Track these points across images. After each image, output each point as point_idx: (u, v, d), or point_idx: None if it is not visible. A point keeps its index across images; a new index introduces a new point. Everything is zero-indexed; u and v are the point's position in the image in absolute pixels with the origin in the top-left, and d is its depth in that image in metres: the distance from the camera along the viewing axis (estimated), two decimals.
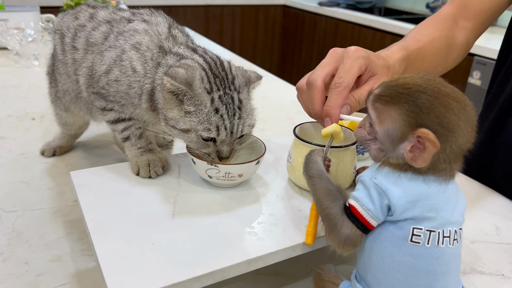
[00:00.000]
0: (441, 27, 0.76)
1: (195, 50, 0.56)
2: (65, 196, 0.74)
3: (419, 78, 0.40)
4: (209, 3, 3.11)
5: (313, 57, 3.15)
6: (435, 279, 0.40)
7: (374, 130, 0.42)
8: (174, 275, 0.40)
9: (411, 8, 3.09)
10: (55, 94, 0.76)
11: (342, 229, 0.42)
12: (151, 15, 0.61)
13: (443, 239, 0.40)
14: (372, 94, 0.42)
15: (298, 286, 0.58)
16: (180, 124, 0.51)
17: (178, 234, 0.46)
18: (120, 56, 0.56)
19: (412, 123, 0.39)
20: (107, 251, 0.43)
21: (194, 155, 0.53)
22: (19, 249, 0.61)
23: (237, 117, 0.52)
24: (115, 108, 0.59)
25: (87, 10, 0.66)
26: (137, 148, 0.59)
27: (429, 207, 0.40)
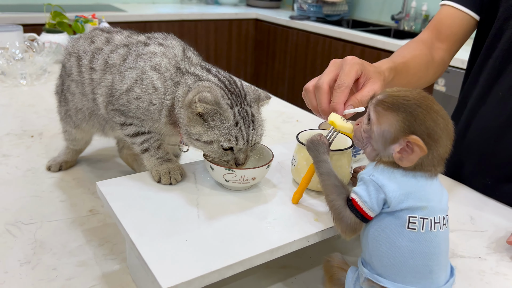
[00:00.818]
0: (421, 47, 0.89)
1: (209, 70, 0.63)
2: (78, 207, 0.79)
3: (417, 94, 0.48)
4: (183, 18, 3.18)
5: (286, 68, 3.26)
6: (430, 259, 0.48)
7: (371, 129, 0.50)
8: (210, 264, 0.47)
9: (377, 20, 3.26)
10: (65, 112, 0.81)
11: (345, 218, 0.50)
12: (165, 39, 0.67)
13: (434, 224, 0.48)
14: (375, 98, 0.50)
15: (304, 276, 0.65)
16: (203, 137, 0.58)
17: (206, 230, 0.53)
18: (141, 76, 0.62)
19: (405, 129, 0.47)
20: (148, 248, 0.49)
21: (212, 162, 0.60)
22: (45, 257, 0.66)
23: (252, 128, 0.59)
24: (134, 123, 0.65)
25: (102, 35, 0.71)
26: (156, 158, 0.65)
27: (421, 198, 0.48)
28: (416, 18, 2.89)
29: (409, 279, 0.48)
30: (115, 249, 0.68)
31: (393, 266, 0.48)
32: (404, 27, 2.96)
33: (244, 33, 3.50)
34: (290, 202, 0.60)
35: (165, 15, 3.11)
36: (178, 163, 0.65)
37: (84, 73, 0.70)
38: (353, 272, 0.53)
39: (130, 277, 0.63)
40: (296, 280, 0.64)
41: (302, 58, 3.09)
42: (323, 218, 0.57)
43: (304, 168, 0.62)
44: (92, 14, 1.81)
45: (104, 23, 1.85)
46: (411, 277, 0.48)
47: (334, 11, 3.21)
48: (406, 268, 0.48)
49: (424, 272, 0.48)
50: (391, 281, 0.48)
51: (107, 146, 1.03)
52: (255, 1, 3.79)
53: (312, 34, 2.96)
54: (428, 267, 0.48)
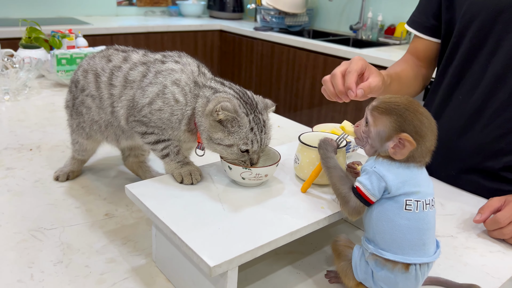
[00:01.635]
0: (407, 63, 1.13)
1: (223, 83, 0.72)
2: (94, 212, 0.85)
3: (404, 99, 0.59)
4: (149, 30, 3.23)
5: (252, 78, 3.38)
6: (423, 234, 0.59)
7: (369, 129, 0.61)
8: (244, 246, 0.55)
9: (336, 30, 3.45)
10: (77, 124, 0.87)
11: (350, 202, 0.60)
12: (180, 57, 0.75)
13: (425, 205, 0.59)
14: (371, 104, 0.61)
15: (308, 259, 0.75)
16: (225, 141, 0.67)
17: (233, 220, 0.61)
18: (163, 90, 0.70)
19: (397, 129, 0.58)
20: (189, 236, 0.57)
21: (229, 162, 0.69)
22: (75, 257, 0.72)
23: (264, 133, 0.69)
24: (155, 131, 0.73)
25: (118, 54, 0.79)
26: (176, 162, 0.73)
27: (414, 184, 0.59)
28: (373, 27, 3.09)
29: (407, 251, 0.59)
30: (137, 247, 0.75)
31: (394, 241, 0.59)
32: (362, 36, 3.15)
33: (210, 44, 3.59)
34: (298, 194, 0.70)
35: (131, 28, 3.14)
36: (196, 166, 0.74)
37: (103, 88, 0.77)
38: (358, 249, 0.63)
39: (157, 269, 0.70)
40: (302, 263, 0.74)
41: (267, 68, 3.21)
42: (328, 206, 0.67)
43: (307, 165, 0.72)
44: (68, 29, 1.84)
45: (81, 37, 1.88)
46: (408, 249, 0.59)
47: (295, 22, 3.37)
48: (405, 242, 0.59)
49: (419, 245, 0.59)
50: (392, 253, 0.59)
51: (107, 156, 1.09)
52: (218, 13, 3.89)
53: (276, 44, 3.09)
54: (421, 240, 0.59)
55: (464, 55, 0.98)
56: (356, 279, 0.63)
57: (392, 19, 3.06)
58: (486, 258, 0.76)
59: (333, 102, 2.73)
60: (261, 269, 0.71)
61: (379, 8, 3.12)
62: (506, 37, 0.90)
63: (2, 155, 1.06)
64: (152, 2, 3.86)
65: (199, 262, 0.54)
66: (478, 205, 0.88)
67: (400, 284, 0.60)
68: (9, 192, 0.90)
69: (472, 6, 0.95)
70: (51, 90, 1.61)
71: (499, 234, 0.80)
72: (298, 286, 0.68)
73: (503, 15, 0.90)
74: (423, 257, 0.60)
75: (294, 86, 3.01)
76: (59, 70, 1.61)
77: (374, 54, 2.49)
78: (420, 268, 0.60)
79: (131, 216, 0.84)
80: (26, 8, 3.25)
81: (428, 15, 1.09)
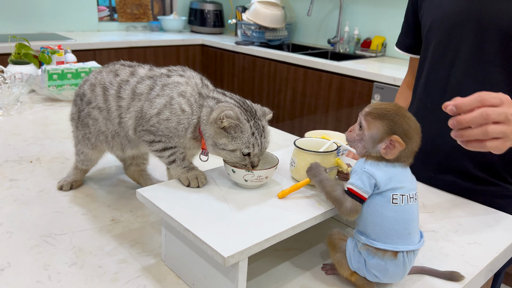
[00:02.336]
0: (404, 96, 1.30)
1: (224, 94, 0.79)
2: (100, 218, 0.90)
3: (393, 105, 0.67)
4: (132, 45, 3.28)
5: (234, 90, 3.45)
6: (409, 224, 0.67)
7: (363, 133, 0.68)
8: (252, 239, 0.61)
9: (314, 43, 3.57)
10: (83, 135, 0.91)
11: (346, 203, 0.67)
12: (184, 71, 0.82)
13: (409, 199, 0.67)
14: (364, 110, 0.69)
15: (305, 254, 0.81)
16: (229, 146, 0.73)
17: (239, 217, 0.68)
18: (170, 102, 0.76)
19: (388, 131, 0.66)
20: (201, 232, 0.63)
21: (233, 166, 0.75)
22: (88, 259, 0.76)
23: (263, 137, 0.75)
24: (162, 140, 0.79)
25: (125, 68, 0.84)
26: (182, 167, 0.79)
27: (399, 180, 0.66)
28: (350, 41, 3.22)
29: (395, 240, 0.66)
30: (145, 248, 0.80)
31: (383, 232, 0.66)
32: (339, 49, 3.28)
33: (192, 57, 3.66)
34: (297, 193, 0.77)
35: (114, 43, 3.18)
36: (201, 170, 0.80)
37: (111, 101, 0.83)
38: (351, 241, 0.70)
39: (167, 267, 0.75)
40: (300, 258, 0.80)
41: (249, 81, 3.30)
42: (323, 204, 0.74)
43: (302, 167, 0.79)
44: (58, 45, 1.88)
45: (69, 53, 1.92)
46: (396, 239, 0.66)
47: (275, 36, 3.48)
48: (393, 233, 0.66)
49: (405, 234, 0.66)
50: (382, 243, 0.66)
51: (106, 166, 1.14)
52: (199, 28, 3.97)
53: (257, 58, 3.18)
54: (407, 230, 0.66)
55: (430, 66, 1.10)
56: (351, 269, 0.70)
57: (368, 32, 3.20)
58: (464, 249, 0.84)
59: (313, 113, 2.83)
60: (263, 265, 0.77)
61: (355, 23, 3.26)
62: (461, 48, 1.02)
63: (3, 167, 1.10)
64: (134, 18, 3.92)
65: (213, 254, 0.59)
66: (455, 203, 0.96)
67: (390, 270, 0.67)
68: (16, 202, 0.93)
69: (433, 24, 1.09)
70: (43, 104, 1.64)
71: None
72: (297, 279, 0.74)
73: (456, 31, 1.03)
74: (410, 245, 0.67)
75: (276, 98, 3.10)
76: (50, 85, 1.64)
77: (352, 66, 2.61)
78: (407, 255, 0.67)
79: (136, 221, 0.89)
80: (8, 23, 3.26)
81: (409, 36, 1.25)
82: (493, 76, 0.98)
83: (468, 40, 1.00)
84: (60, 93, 1.65)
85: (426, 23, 1.11)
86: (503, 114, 0.68)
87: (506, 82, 0.97)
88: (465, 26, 1.00)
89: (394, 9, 3.03)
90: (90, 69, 1.72)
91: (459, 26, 1.02)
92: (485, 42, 0.98)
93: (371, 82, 2.49)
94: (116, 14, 3.87)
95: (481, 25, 0.98)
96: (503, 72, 0.97)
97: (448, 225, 0.92)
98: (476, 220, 0.94)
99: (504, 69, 0.97)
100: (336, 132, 0.96)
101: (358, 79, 2.56)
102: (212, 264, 0.65)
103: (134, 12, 3.91)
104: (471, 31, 0.99)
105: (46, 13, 3.42)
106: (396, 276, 0.69)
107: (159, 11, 4.21)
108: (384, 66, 2.69)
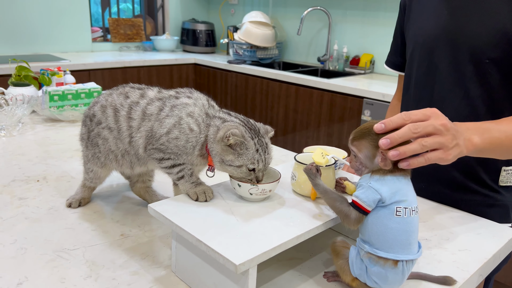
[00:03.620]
0: (395, 111, 1.36)
1: (230, 113, 0.84)
2: (110, 233, 0.93)
3: (370, 123, 0.73)
4: (126, 65, 3.33)
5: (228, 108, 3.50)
6: (410, 235, 0.71)
7: (358, 158, 0.74)
8: (260, 248, 0.66)
9: (304, 61, 3.66)
10: (93, 154, 0.96)
11: (352, 215, 0.72)
12: (191, 93, 0.87)
13: (411, 211, 0.72)
14: (349, 140, 0.74)
15: (307, 263, 0.86)
16: (235, 163, 0.78)
17: (246, 228, 0.72)
18: (179, 122, 0.82)
19: (375, 146, 0.71)
20: (212, 242, 0.67)
21: (238, 181, 0.80)
22: (102, 271, 0.80)
23: (267, 153, 0.81)
24: (171, 157, 0.84)
25: (135, 91, 0.90)
26: (190, 183, 0.83)
27: (402, 194, 0.71)
28: (339, 59, 3.32)
29: (396, 249, 0.71)
30: (156, 260, 0.85)
31: (386, 242, 0.71)
32: (329, 67, 3.37)
33: (185, 76, 3.72)
34: (298, 205, 0.82)
35: (108, 63, 3.24)
36: (208, 185, 0.85)
37: (122, 121, 0.88)
38: (354, 249, 0.75)
39: (177, 278, 0.80)
40: (302, 267, 0.85)
41: (242, 98, 3.36)
42: (323, 215, 0.79)
43: (303, 180, 0.84)
44: (57, 67, 1.92)
45: (68, 74, 1.97)
46: (398, 248, 0.71)
47: (266, 55, 3.56)
48: (395, 243, 0.71)
49: (406, 244, 0.71)
50: (385, 252, 0.71)
51: (111, 184, 1.18)
52: (191, 47, 4.05)
53: (249, 76, 3.26)
54: (408, 241, 0.71)
55: (415, 83, 1.18)
56: (352, 275, 0.75)
57: (356, 50, 3.30)
58: (456, 255, 0.89)
59: (305, 129, 2.90)
60: (268, 274, 0.82)
61: (344, 41, 3.36)
62: (440, 67, 1.10)
63: (11, 186, 1.13)
64: (127, 38, 3.98)
65: (225, 262, 0.64)
66: (445, 212, 1.02)
67: (389, 278, 0.72)
68: (27, 220, 0.97)
69: (415, 45, 1.17)
70: (44, 125, 1.68)
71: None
72: (300, 286, 0.79)
73: (435, 51, 1.11)
74: (410, 255, 0.72)
75: (269, 115, 3.17)
76: (52, 106, 1.69)
77: (341, 83, 2.69)
78: (407, 264, 0.72)
79: (145, 235, 0.93)
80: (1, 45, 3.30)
81: (397, 55, 1.32)
82: (472, 92, 1.05)
83: (446, 60, 1.08)
84: (61, 113, 1.69)
85: (410, 43, 1.19)
86: (431, 126, 0.72)
87: (483, 97, 1.05)
88: (443, 46, 1.09)
89: (381, 27, 3.14)
90: (90, 89, 1.77)
91: (438, 47, 1.10)
92: (461, 61, 1.06)
93: (361, 98, 2.57)
94: (109, 35, 3.94)
95: (456, 45, 1.06)
96: (480, 88, 1.04)
97: (440, 234, 0.98)
98: (466, 228, 1.00)
99: (480, 85, 1.04)
100: (333, 148, 1.02)
101: (348, 96, 2.64)
102: (223, 273, 0.70)
103: (127, 33, 3.98)
104: (448, 51, 1.08)
105: (40, 35, 3.47)
106: (395, 283, 0.73)
107: (152, 32, 4.29)
108: (373, 83, 2.78)
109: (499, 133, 0.81)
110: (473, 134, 0.77)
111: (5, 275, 0.78)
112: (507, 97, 1.05)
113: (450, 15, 1.08)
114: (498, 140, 0.80)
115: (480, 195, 1.11)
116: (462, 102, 1.08)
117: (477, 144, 0.77)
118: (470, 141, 0.77)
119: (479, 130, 0.79)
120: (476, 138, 0.77)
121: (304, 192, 0.85)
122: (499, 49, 1.01)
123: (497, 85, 1.04)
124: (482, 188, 1.11)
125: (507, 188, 1.12)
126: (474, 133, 0.78)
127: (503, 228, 1.01)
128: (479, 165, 1.09)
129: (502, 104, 1.06)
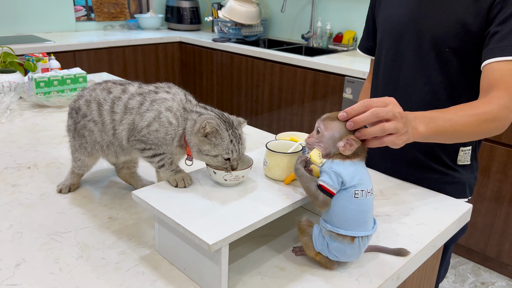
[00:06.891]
0: (367, 93, 1.41)
1: (206, 108, 0.91)
2: (99, 217, 1.02)
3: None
4: (111, 45, 3.35)
5: (214, 86, 3.56)
6: (366, 215, 0.80)
7: (321, 135, 0.81)
8: (232, 228, 0.75)
9: (289, 38, 3.69)
10: (80, 145, 1.03)
11: (320, 197, 0.80)
12: (169, 88, 0.94)
13: (367, 193, 0.80)
14: (323, 116, 0.82)
15: (279, 239, 0.95)
16: (211, 152, 0.86)
17: (221, 212, 0.81)
18: (158, 115, 0.89)
19: (347, 131, 0.79)
20: (189, 224, 0.76)
21: (214, 168, 0.88)
22: (92, 252, 0.89)
23: (240, 144, 0.88)
24: (152, 147, 0.91)
25: (117, 86, 0.96)
26: (170, 171, 0.91)
27: (359, 178, 0.80)
28: (322, 36, 3.36)
29: (354, 227, 0.80)
30: (141, 241, 0.93)
31: (346, 221, 0.80)
32: (313, 44, 3.42)
33: (170, 55, 3.74)
34: (268, 189, 0.90)
35: (93, 43, 3.25)
36: (187, 172, 0.93)
37: (105, 115, 0.95)
38: (317, 227, 0.84)
39: (161, 256, 0.89)
40: (274, 243, 0.94)
41: (228, 76, 3.41)
42: (290, 198, 0.88)
43: (273, 166, 0.92)
44: (42, 53, 1.96)
45: (53, 59, 2.01)
46: (356, 226, 0.80)
47: (251, 33, 3.59)
48: (353, 221, 0.80)
49: (363, 222, 0.80)
50: (344, 229, 0.80)
51: (99, 170, 1.25)
52: (176, 25, 4.05)
53: (234, 55, 3.29)
54: (365, 219, 0.81)
55: (384, 68, 1.26)
56: (316, 250, 0.84)
57: (339, 27, 3.34)
58: (413, 229, 0.99)
59: (290, 106, 2.98)
60: (243, 250, 0.91)
61: (327, 18, 3.40)
62: (406, 54, 1.18)
63: (4, 174, 1.20)
64: (111, 17, 3.97)
65: (200, 242, 0.73)
66: (408, 190, 1.11)
67: (347, 252, 0.82)
68: (21, 205, 1.05)
69: (384, 32, 1.24)
70: (31, 111, 1.74)
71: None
72: (271, 260, 0.88)
73: (401, 38, 1.19)
74: (365, 231, 0.81)
75: (254, 93, 3.23)
76: (38, 92, 1.73)
77: (325, 61, 2.75)
78: (362, 240, 0.81)
79: (131, 218, 1.02)
80: None
81: (369, 39, 1.39)
82: (434, 78, 1.14)
83: (412, 47, 1.16)
84: (48, 99, 1.74)
85: (380, 30, 1.26)
86: (391, 112, 0.78)
87: (444, 84, 1.13)
88: (409, 35, 1.16)
89: (363, 4, 3.18)
90: (75, 75, 1.82)
91: (404, 35, 1.17)
92: (425, 49, 1.13)
93: (342, 76, 2.64)
94: (93, 14, 3.92)
95: (421, 33, 1.13)
96: (441, 75, 1.12)
97: (401, 209, 1.07)
98: (425, 203, 1.10)
99: (441, 72, 1.12)
100: (304, 133, 1.10)
101: (330, 74, 2.71)
102: (200, 251, 0.79)
103: (111, 11, 3.96)
104: (413, 39, 1.15)
105: (22, 15, 3.46)
106: (353, 256, 0.83)
107: (136, 9, 4.27)
108: (355, 60, 2.84)
109: (444, 121, 0.89)
110: (419, 123, 0.86)
111: (4, 257, 0.86)
112: (466, 83, 1.13)
113: (416, 4, 1.14)
114: (443, 128, 0.88)
115: (440, 173, 1.21)
116: (425, 88, 1.16)
117: (422, 132, 0.86)
118: (416, 130, 0.85)
119: (425, 119, 0.87)
120: (421, 127, 0.86)
121: (274, 176, 0.94)
122: (458, 39, 1.08)
123: (456, 72, 1.12)
124: (442, 167, 1.21)
125: (464, 166, 1.21)
126: (420, 122, 0.86)
127: (458, 202, 1.11)
128: (439, 146, 1.18)
129: (462, 90, 1.14)
